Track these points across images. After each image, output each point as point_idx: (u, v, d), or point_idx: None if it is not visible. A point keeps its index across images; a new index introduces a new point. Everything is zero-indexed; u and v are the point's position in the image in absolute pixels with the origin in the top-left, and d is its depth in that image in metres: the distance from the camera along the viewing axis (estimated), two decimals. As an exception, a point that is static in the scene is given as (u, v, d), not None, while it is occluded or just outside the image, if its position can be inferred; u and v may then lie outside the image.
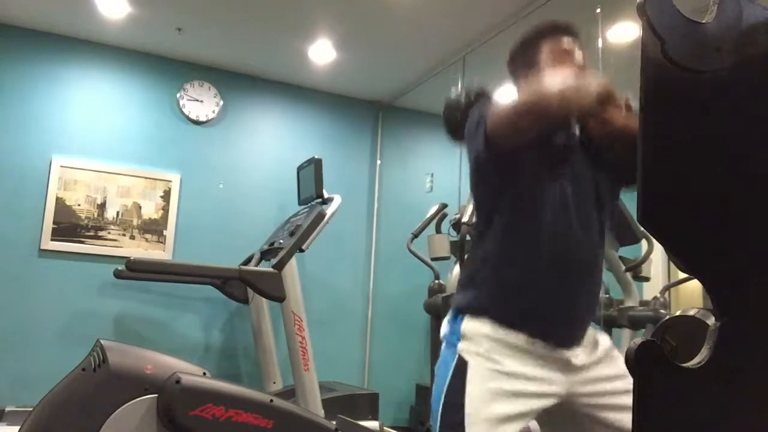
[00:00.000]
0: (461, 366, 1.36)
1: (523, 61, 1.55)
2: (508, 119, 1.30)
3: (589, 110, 1.32)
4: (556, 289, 1.38)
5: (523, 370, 1.34)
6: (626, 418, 1.35)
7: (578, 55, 1.51)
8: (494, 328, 1.37)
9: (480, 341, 1.37)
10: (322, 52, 4.11)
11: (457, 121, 1.56)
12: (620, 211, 3.01)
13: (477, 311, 1.40)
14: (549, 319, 1.38)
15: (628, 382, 1.38)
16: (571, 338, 1.39)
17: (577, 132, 1.47)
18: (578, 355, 1.39)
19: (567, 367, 1.38)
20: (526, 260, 1.39)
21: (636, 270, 3.66)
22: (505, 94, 1.55)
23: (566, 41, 1.52)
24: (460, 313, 1.43)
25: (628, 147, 1.32)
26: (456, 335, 1.41)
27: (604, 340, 1.46)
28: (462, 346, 1.38)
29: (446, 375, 1.38)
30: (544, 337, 1.36)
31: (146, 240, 4.13)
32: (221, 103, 4.40)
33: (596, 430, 1.39)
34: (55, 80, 4.02)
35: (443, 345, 1.46)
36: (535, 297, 1.38)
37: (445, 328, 1.48)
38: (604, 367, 1.41)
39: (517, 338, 1.36)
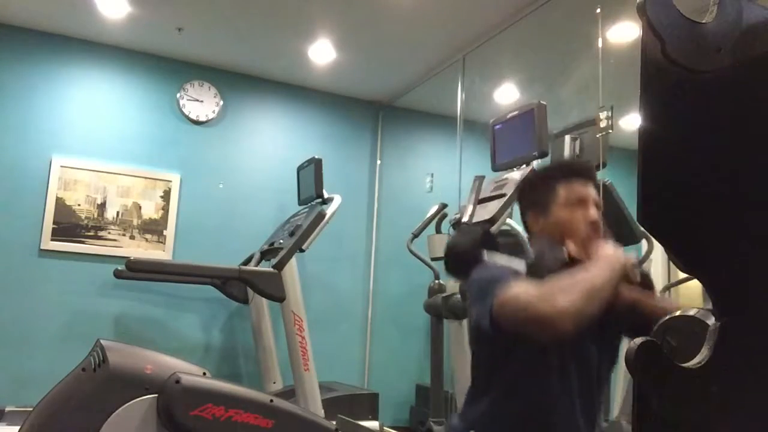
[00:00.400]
0: None
1: (534, 202, 1.48)
2: (516, 317, 1.23)
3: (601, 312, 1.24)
4: None
5: None
6: None
7: (593, 204, 1.42)
8: None
9: None
10: (322, 52, 4.11)
11: (459, 266, 1.52)
12: (620, 211, 3.01)
13: None
14: None
15: None
16: None
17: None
18: None
19: None
20: (527, 423, 1.38)
21: (636, 270, 3.65)
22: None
23: (581, 189, 1.43)
24: None
25: (634, 320, 1.30)
26: None
27: None
28: None
29: None
30: None
31: (146, 240, 4.13)
32: (221, 103, 4.40)
33: None
34: (55, 80, 4.02)
35: None
36: None
37: None
38: None
39: None
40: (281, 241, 3.60)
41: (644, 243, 3.62)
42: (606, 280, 1.23)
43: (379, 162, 4.92)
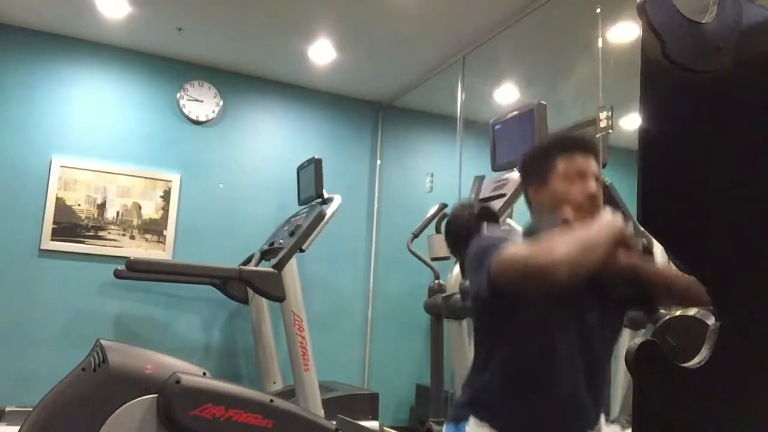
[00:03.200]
0: None
1: (534, 173, 1.49)
2: (513, 274, 1.24)
3: (596, 270, 1.25)
4: (557, 423, 1.38)
5: None
6: None
7: (592, 177, 1.43)
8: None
9: None
10: (322, 52, 4.11)
11: (459, 239, 1.52)
12: (620, 211, 3.00)
13: (482, 419, 1.39)
14: None
15: None
16: None
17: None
18: None
19: None
20: (526, 396, 1.38)
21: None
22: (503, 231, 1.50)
23: (581, 161, 1.43)
24: (463, 419, 1.42)
25: (632, 284, 1.31)
26: None
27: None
28: None
29: None
30: None
31: (146, 240, 4.13)
32: (221, 103, 4.40)
33: None
34: (55, 80, 4.02)
35: None
36: (541, 421, 1.38)
37: None
38: None
39: None
40: (281, 241, 3.60)
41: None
42: (601, 238, 1.25)
43: (379, 162, 4.92)
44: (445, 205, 4.10)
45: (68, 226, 3.94)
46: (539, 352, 1.37)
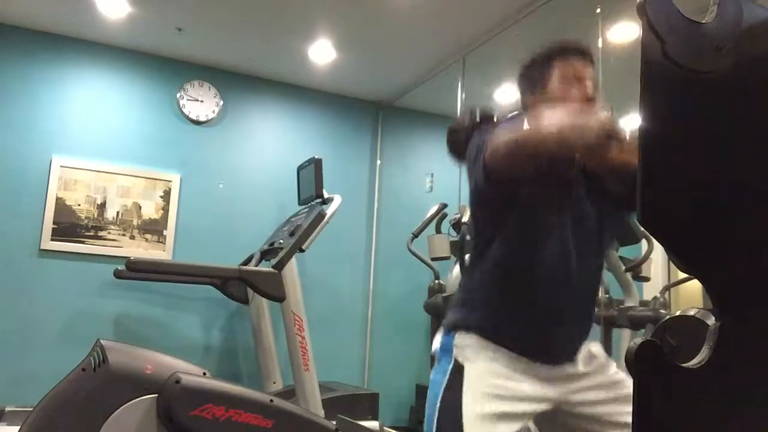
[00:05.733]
0: (458, 369, 1.38)
1: (532, 80, 1.50)
2: (506, 152, 1.26)
3: (588, 148, 1.28)
4: (551, 315, 1.39)
5: (517, 386, 1.36)
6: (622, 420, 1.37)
7: (589, 81, 1.45)
8: (488, 344, 1.38)
9: (474, 354, 1.38)
10: (322, 52, 4.11)
11: (459, 144, 1.55)
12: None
13: (471, 329, 1.41)
14: (544, 342, 1.39)
15: (621, 391, 1.41)
16: (566, 357, 1.41)
17: (577, 167, 1.47)
18: (572, 369, 1.41)
19: (561, 379, 1.40)
20: (522, 287, 1.39)
21: (636, 270, 3.66)
22: (509, 110, 1.52)
23: (578, 66, 1.45)
24: (453, 329, 1.43)
25: (627, 181, 1.32)
26: (449, 344, 1.42)
27: (597, 350, 1.48)
28: (457, 353, 1.40)
29: (443, 378, 1.39)
30: (537, 358, 1.38)
31: (146, 240, 4.13)
32: (221, 103, 4.40)
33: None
34: (55, 80, 4.02)
35: (438, 355, 1.46)
36: (530, 321, 1.39)
37: (436, 343, 1.48)
38: (598, 376, 1.43)
39: (510, 356, 1.37)
40: (281, 241, 3.59)
41: (644, 243, 3.63)
42: (591, 122, 1.24)
43: (379, 162, 4.93)
44: (445, 205, 4.11)
45: (68, 226, 3.94)
46: (532, 250, 1.37)
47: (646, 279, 3.92)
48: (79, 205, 3.99)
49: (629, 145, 1.32)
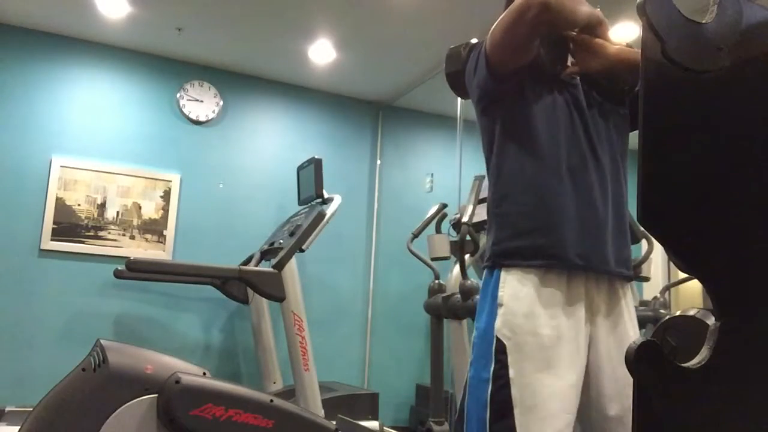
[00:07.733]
0: (500, 347, 1.31)
1: None
2: (505, 27, 1.35)
3: (580, 24, 1.36)
4: (580, 206, 1.36)
5: (561, 330, 1.31)
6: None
7: None
8: (529, 276, 1.33)
9: (519, 302, 1.32)
10: (322, 52, 4.11)
11: (458, 71, 1.56)
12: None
13: (510, 257, 1.36)
14: (579, 237, 1.35)
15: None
16: (606, 259, 1.39)
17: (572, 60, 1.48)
18: (615, 289, 1.47)
19: (598, 309, 1.42)
20: (543, 184, 1.37)
21: (636, 270, 3.66)
22: None
23: None
24: (495, 267, 1.38)
25: (622, 74, 1.39)
26: (494, 298, 1.35)
27: (629, 300, 1.52)
28: (499, 325, 1.32)
29: (488, 353, 1.32)
30: (577, 257, 1.33)
31: (146, 240, 4.13)
32: (221, 103, 4.40)
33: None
34: (55, 80, 4.02)
35: (483, 305, 1.39)
36: (560, 217, 1.35)
37: (480, 291, 1.44)
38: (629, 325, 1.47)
39: (551, 279, 1.33)
40: (281, 241, 3.60)
41: (644, 243, 3.63)
42: (584, 6, 1.34)
43: (379, 162, 4.93)
44: (445, 205, 4.10)
45: (68, 226, 3.94)
46: (545, 139, 1.38)
47: (646, 279, 3.92)
48: (79, 205, 3.99)
49: (616, 44, 1.39)
